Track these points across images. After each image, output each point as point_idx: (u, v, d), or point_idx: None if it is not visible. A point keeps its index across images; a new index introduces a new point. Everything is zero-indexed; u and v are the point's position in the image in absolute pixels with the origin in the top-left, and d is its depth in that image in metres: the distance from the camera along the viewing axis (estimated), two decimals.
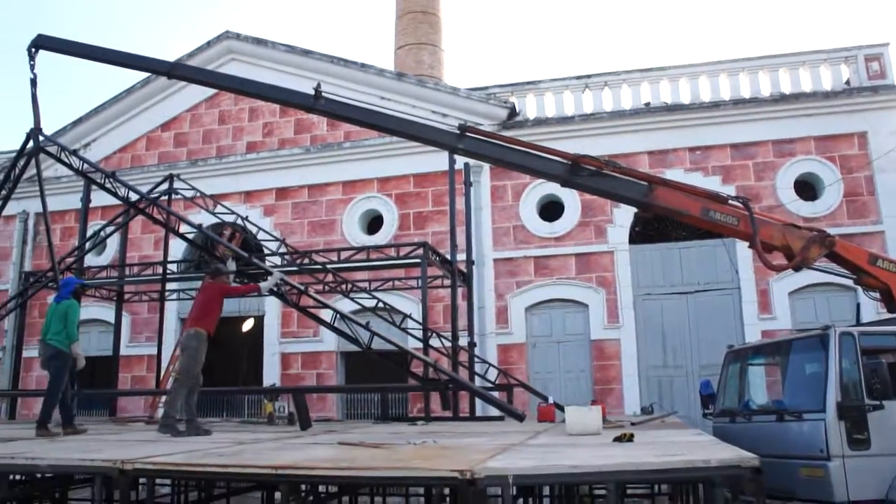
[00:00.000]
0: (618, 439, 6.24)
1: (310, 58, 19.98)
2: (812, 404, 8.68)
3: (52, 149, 13.16)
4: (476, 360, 14.16)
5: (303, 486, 5.68)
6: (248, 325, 24.33)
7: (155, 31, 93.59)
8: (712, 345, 16.33)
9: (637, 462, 4.46)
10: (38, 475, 7.55)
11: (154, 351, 20.00)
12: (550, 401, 11.66)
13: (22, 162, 13.08)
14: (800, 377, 9.83)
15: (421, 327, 13.55)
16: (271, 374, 18.79)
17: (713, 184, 16.41)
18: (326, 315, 11.88)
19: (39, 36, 12.22)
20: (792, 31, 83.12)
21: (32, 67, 12.26)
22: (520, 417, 10.90)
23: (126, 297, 18.44)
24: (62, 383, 9.30)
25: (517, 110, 18.33)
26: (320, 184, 19.44)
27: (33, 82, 12.41)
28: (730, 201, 9.79)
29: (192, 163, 20.67)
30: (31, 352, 20.75)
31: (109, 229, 16.62)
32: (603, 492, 10.18)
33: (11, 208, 22.18)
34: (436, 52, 37.36)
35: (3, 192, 13.42)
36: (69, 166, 13.02)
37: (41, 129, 12.86)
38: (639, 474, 4.48)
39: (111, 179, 12.46)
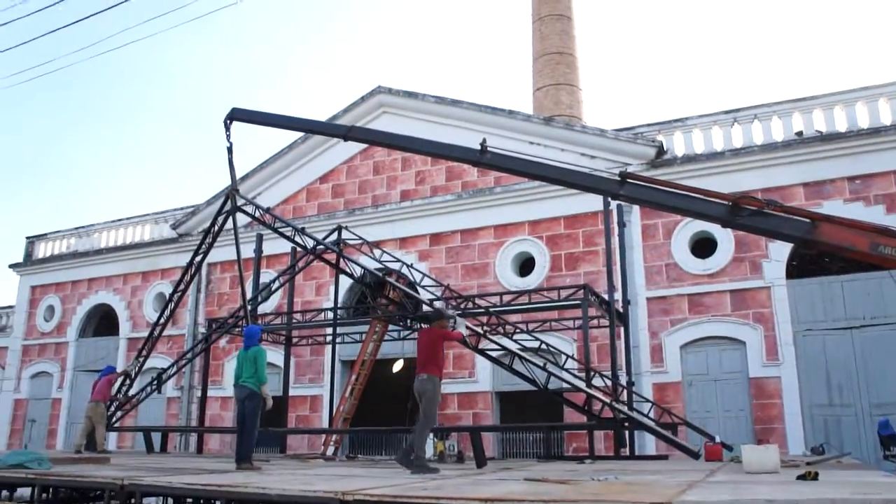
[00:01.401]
0: (801, 477, 6.35)
1: (458, 107, 20.88)
2: None
3: (248, 207, 14.52)
4: (639, 398, 14.26)
5: None
6: (397, 367, 25.31)
7: (301, 88, 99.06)
8: (882, 382, 15.72)
9: (833, 498, 4.65)
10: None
11: (317, 392, 21.32)
12: (717, 440, 11.64)
13: (221, 219, 14.53)
14: None
15: (581, 367, 13.82)
16: None
17: (876, 213, 15.95)
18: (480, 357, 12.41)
19: (234, 109, 13.64)
20: None
21: (228, 137, 13.74)
22: (695, 455, 11.02)
23: (293, 340, 19.69)
24: (258, 420, 10.22)
25: (665, 148, 18.41)
26: (473, 228, 20.18)
27: (229, 150, 13.89)
28: None
29: (350, 212, 21.93)
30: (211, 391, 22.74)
31: (284, 278, 17.84)
32: None
33: (186, 260, 24.42)
34: (574, 91, 37.83)
35: (204, 247, 14.96)
36: (263, 223, 14.33)
37: (238, 191, 14.28)
38: None
39: (300, 233, 13.64)
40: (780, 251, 16.74)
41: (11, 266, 29.01)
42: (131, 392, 17.93)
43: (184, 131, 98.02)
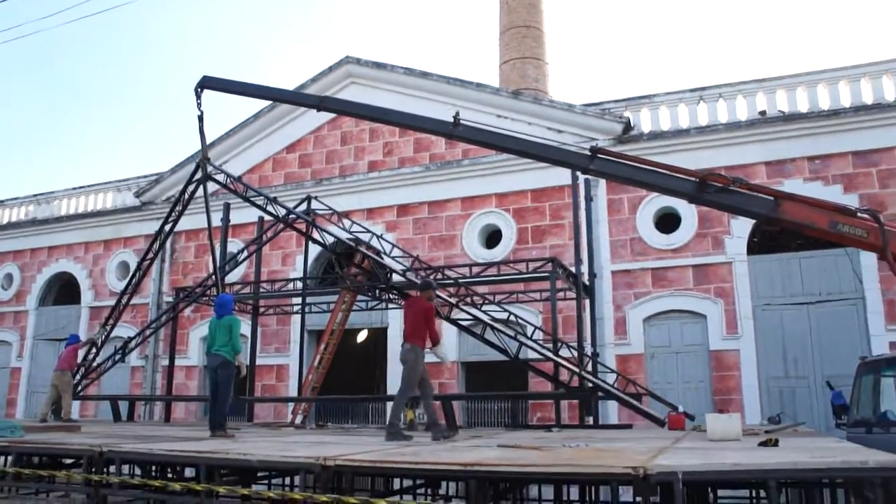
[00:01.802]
0: (763, 444, 6.65)
1: (427, 79, 20.88)
2: None
3: (219, 176, 14.44)
4: (604, 369, 14.59)
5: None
6: (362, 337, 25.49)
7: (269, 58, 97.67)
8: (836, 355, 16.23)
9: (795, 461, 4.91)
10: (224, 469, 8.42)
11: (283, 361, 21.41)
12: (680, 409, 12.00)
13: (192, 188, 14.43)
14: None
15: (547, 337, 14.08)
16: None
17: (834, 193, 16.38)
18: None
19: (205, 77, 13.49)
20: None
21: (199, 105, 13.59)
22: (661, 423, 11.40)
23: (260, 310, 19.68)
24: (230, 388, 10.30)
25: (632, 124, 18.65)
26: (440, 200, 20.29)
27: (200, 118, 13.75)
28: (858, 214, 9.97)
29: (317, 182, 21.88)
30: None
31: (252, 248, 17.77)
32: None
33: (152, 227, 24.16)
34: (540, 65, 37.86)
35: (174, 215, 14.87)
36: (234, 192, 14.26)
37: (209, 159, 14.17)
38: (798, 472, 4.93)
39: (272, 202, 13.62)
40: (742, 228, 17.14)
41: None
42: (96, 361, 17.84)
43: (146, 99, 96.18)
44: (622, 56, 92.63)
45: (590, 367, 13.94)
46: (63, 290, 26.90)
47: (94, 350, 17.61)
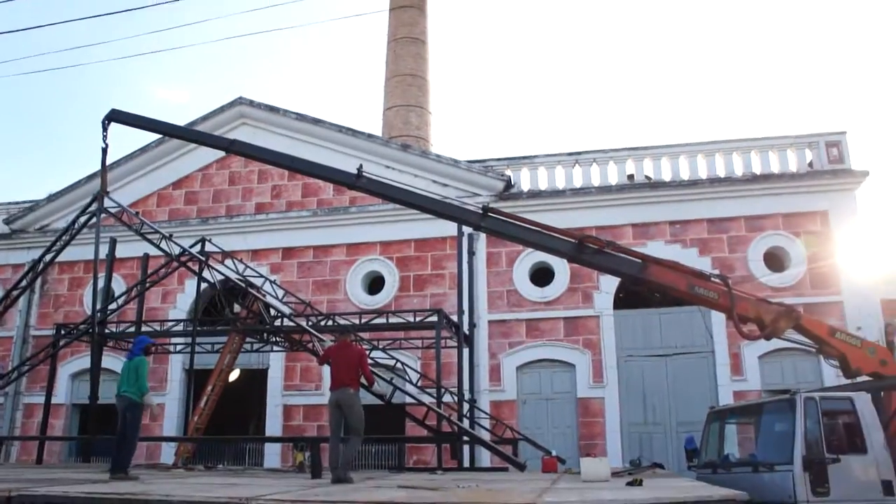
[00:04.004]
0: (630, 484, 7.56)
1: (320, 126, 21.43)
2: (782, 458, 10.06)
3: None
4: (483, 414, 15.37)
5: None
6: (233, 376, 25.30)
7: (158, 88, 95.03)
8: (689, 403, 17.78)
9: (660, 497, 5.79)
10: None
11: (158, 400, 20.93)
12: (554, 454, 12.91)
13: (83, 219, 14.31)
14: (771, 434, 11.24)
15: (427, 383, 14.77)
16: (274, 426, 19.76)
17: (691, 255, 18.11)
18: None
19: (113, 110, 13.59)
20: (763, 115, 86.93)
21: (105, 138, 13.64)
22: (521, 467, 12.19)
23: None
24: (138, 430, 10.32)
25: (513, 182, 19.85)
26: (326, 245, 20.75)
27: (104, 151, 13.78)
28: (711, 278, 11.33)
29: (203, 221, 21.85)
30: (33, 398, 21.78)
31: (145, 284, 17.55)
32: None
33: (21, 257, 23.32)
34: (423, 113, 39.02)
35: (59, 244, 14.66)
36: (128, 226, 14.25)
37: (108, 193, 14.14)
38: None
39: (167, 240, 13.72)
40: (609, 284, 18.51)
41: None
42: None
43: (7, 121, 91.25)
44: (503, 111, 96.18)
45: (470, 413, 14.71)
46: None
47: None
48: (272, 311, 14.73)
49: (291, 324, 14.31)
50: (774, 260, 18.67)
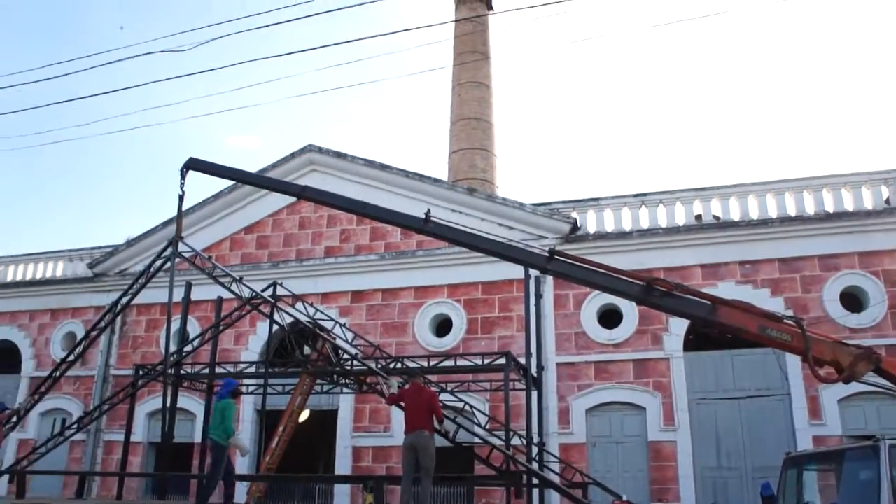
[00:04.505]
0: None
1: (387, 172, 21.86)
2: None
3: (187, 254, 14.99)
4: (554, 459, 15.27)
5: None
6: (304, 417, 25.65)
7: (222, 140, 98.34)
8: (765, 448, 17.31)
9: None
10: None
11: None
12: (624, 498, 12.73)
13: (158, 263, 14.90)
14: (854, 483, 10.84)
15: (495, 426, 14.74)
16: (343, 467, 19.94)
17: (762, 296, 17.74)
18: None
19: (191, 159, 14.20)
20: (834, 152, 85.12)
21: (182, 185, 14.22)
22: None
23: (215, 389, 19.83)
24: (219, 472, 10.58)
25: (579, 225, 19.84)
26: (394, 288, 21.05)
27: (181, 198, 14.36)
28: (784, 320, 11.08)
29: (274, 265, 22.43)
30: (112, 436, 22.47)
31: (219, 326, 18.05)
32: None
33: (102, 300, 24.24)
34: (488, 156, 39.36)
35: (136, 287, 15.26)
36: (201, 269, 14.76)
37: (182, 238, 14.72)
38: None
39: (238, 283, 14.15)
40: (679, 326, 18.28)
41: None
42: (30, 434, 17.41)
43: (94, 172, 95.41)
44: (568, 153, 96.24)
45: (536, 456, 14.62)
46: (3, 359, 26.38)
47: (13, 420, 16.67)
48: (341, 353, 14.99)
49: (360, 366, 14.51)
50: (852, 300, 18.14)
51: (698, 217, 19.44)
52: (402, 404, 10.58)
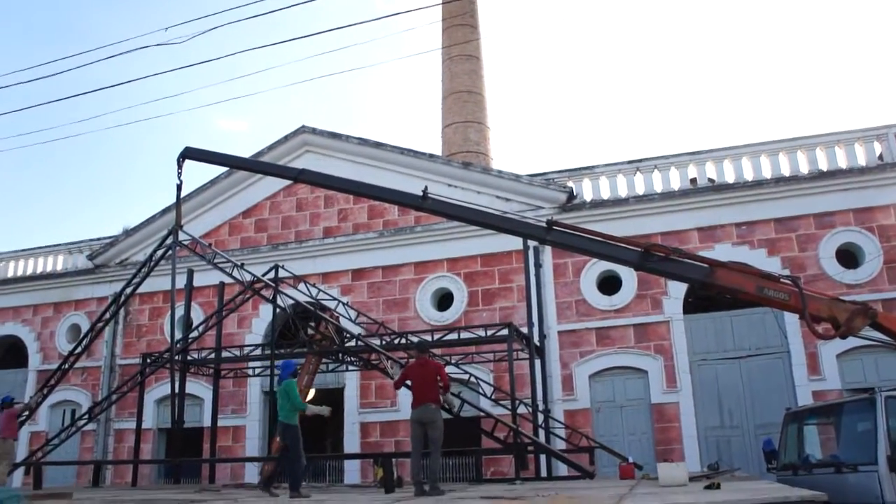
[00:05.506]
0: (708, 487, 7.65)
1: (381, 150, 21.92)
2: (865, 458, 9.95)
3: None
4: (560, 425, 15.53)
5: None
6: (311, 396, 25.91)
7: (213, 123, 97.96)
8: (766, 405, 17.58)
9: (739, 500, 5.92)
10: None
11: (240, 422, 21.76)
12: (630, 460, 12.99)
13: (160, 252, 15.03)
14: (852, 434, 11.12)
15: (501, 395, 14.97)
16: (352, 443, 20.22)
17: (759, 256, 17.93)
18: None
19: (187, 148, 14.25)
20: (827, 110, 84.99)
21: (179, 174, 14.30)
22: (590, 475, 12.34)
23: (221, 373, 20.09)
24: (299, 450, 10.68)
25: (575, 194, 19.96)
26: (394, 265, 21.19)
27: (179, 187, 14.45)
28: (781, 279, 11.26)
29: (273, 247, 22.55)
30: (122, 424, 22.77)
31: (223, 311, 18.26)
32: None
33: (104, 290, 24.42)
34: (482, 129, 39.36)
35: (139, 277, 15.40)
36: (201, 257, 14.89)
37: (182, 227, 14.82)
38: None
39: (238, 268, 14.29)
40: (677, 289, 18.46)
41: None
42: (41, 426, 17.58)
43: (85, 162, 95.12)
44: (561, 122, 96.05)
45: (543, 423, 14.88)
46: (9, 354, 26.62)
47: (25, 414, 16.95)
48: (345, 333, 15.19)
49: (363, 344, 14.71)
50: (847, 256, 18.31)
51: (693, 181, 19.56)
52: (409, 383, 10.76)
